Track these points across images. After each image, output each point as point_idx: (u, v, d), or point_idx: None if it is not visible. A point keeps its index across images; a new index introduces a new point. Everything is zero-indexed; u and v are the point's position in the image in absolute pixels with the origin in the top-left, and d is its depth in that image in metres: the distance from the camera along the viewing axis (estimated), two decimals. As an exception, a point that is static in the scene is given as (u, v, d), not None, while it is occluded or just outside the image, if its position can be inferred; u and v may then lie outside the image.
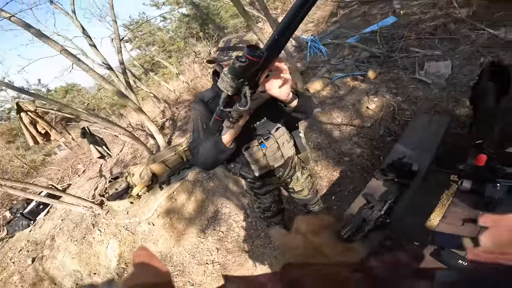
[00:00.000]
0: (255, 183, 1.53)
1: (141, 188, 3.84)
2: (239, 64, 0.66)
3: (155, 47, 13.20)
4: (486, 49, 3.32)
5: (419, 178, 1.80)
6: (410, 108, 3.10)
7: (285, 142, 1.35)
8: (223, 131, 1.03)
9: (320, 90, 3.91)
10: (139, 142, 4.73)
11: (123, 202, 3.80)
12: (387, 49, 4.17)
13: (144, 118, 4.64)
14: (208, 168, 1.20)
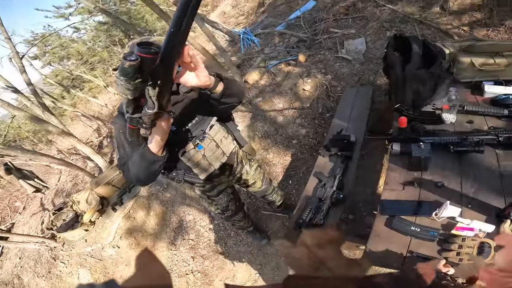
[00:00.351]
0: (205, 186, 1.49)
1: (91, 214, 3.59)
2: (129, 64, 0.60)
3: (72, 61, 11.75)
4: (389, 24, 3.77)
5: (358, 147, 1.91)
6: (340, 84, 3.40)
7: (222, 138, 1.31)
8: (148, 140, 0.95)
9: (258, 80, 4.00)
10: (75, 167, 4.27)
11: (77, 231, 3.55)
12: (311, 33, 4.42)
13: (73, 141, 4.16)
14: (145, 182, 1.12)
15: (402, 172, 1.46)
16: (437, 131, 1.59)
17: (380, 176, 2.41)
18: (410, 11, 3.71)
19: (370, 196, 2.33)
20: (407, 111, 1.77)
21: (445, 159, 1.46)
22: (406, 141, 1.54)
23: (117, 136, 1.14)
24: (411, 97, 1.80)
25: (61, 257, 3.63)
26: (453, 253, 1.08)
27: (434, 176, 1.40)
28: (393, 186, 1.41)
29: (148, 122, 0.76)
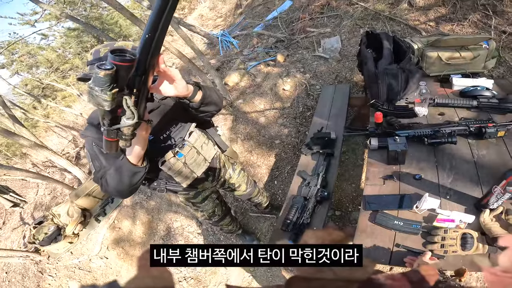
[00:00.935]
0: (189, 193, 1.47)
1: (74, 226, 3.49)
2: (104, 73, 0.57)
3: (42, 69, 11.17)
4: (362, 21, 3.89)
5: (339, 144, 1.94)
6: (318, 83, 3.46)
7: (203, 144, 1.28)
8: (127, 151, 0.91)
9: (238, 82, 3.99)
10: (51, 180, 4.08)
11: (61, 244, 3.45)
12: (289, 33, 4.47)
13: (46, 153, 3.98)
14: (124, 195, 1.06)
15: (381, 166, 1.49)
16: (411, 125, 1.63)
17: (362, 171, 2.47)
18: (380, 8, 3.84)
19: (355, 191, 2.39)
20: (382, 106, 1.82)
21: (420, 152, 1.50)
22: (383, 136, 1.58)
23: (89, 149, 1.08)
24: (385, 92, 1.85)
25: (48, 271, 3.54)
26: (437, 245, 1.08)
27: (412, 169, 1.44)
28: (374, 181, 1.44)
29: (128, 133, 0.73)
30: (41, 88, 10.94)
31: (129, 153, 0.92)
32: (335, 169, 1.79)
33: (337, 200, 2.38)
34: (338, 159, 1.87)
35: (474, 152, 1.45)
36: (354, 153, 2.68)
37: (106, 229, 3.45)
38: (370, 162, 1.54)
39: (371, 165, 1.53)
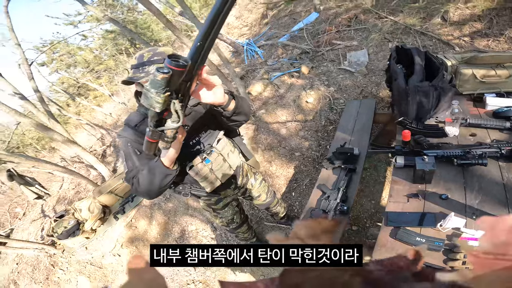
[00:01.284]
0: (210, 199, 1.49)
1: (93, 222, 3.60)
2: (162, 76, 0.60)
3: (79, 69, 11.94)
4: (391, 35, 3.81)
5: (362, 160, 1.91)
6: (343, 97, 3.41)
7: (229, 152, 1.31)
8: (161, 154, 0.96)
9: (261, 92, 4.02)
10: (77, 176, 4.27)
11: (78, 239, 3.55)
12: (314, 45, 4.47)
13: (77, 149, 4.19)
14: (153, 196, 1.10)
15: (406, 184, 1.48)
16: (441, 144, 1.60)
17: (383, 189, 2.41)
18: (411, 22, 3.74)
19: (374, 208, 2.33)
20: (410, 125, 1.77)
21: (449, 172, 1.47)
22: (410, 154, 1.55)
23: (125, 149, 1.12)
24: (414, 110, 1.80)
25: (60, 264, 3.62)
26: (459, 262, 1.09)
27: (438, 188, 1.41)
28: (398, 198, 1.43)
29: (170, 136, 0.77)
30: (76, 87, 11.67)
31: (163, 155, 0.96)
32: (356, 185, 1.77)
33: (355, 215, 2.34)
34: (360, 175, 1.85)
35: (504, 175, 1.40)
36: (376, 170, 2.61)
37: (123, 227, 3.53)
38: (395, 180, 1.53)
39: (395, 183, 1.52)
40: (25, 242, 3.86)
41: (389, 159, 2.55)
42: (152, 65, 0.99)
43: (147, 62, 1.00)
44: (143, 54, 1.02)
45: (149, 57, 1.01)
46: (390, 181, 2.26)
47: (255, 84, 4.08)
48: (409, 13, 3.90)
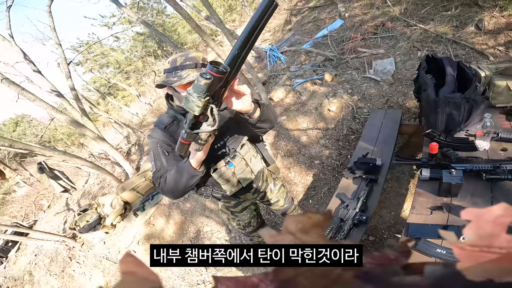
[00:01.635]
0: (230, 202, 1.52)
1: (114, 218, 3.71)
2: (204, 82, 0.64)
3: (110, 69, 12.63)
4: (421, 43, 3.67)
5: (384, 171, 1.87)
6: (367, 106, 3.32)
7: (252, 157, 1.34)
8: (190, 155, 0.99)
9: (283, 98, 4.02)
10: (104, 171, 4.46)
11: (98, 233, 3.67)
12: (338, 52, 4.42)
13: (106, 146, 4.40)
14: (177, 196, 1.14)
15: (430, 197, 1.46)
16: (470, 158, 1.56)
17: (405, 201, 2.35)
18: (442, 31, 3.60)
19: (393, 219, 2.28)
20: (438, 137, 1.72)
21: (476, 186, 1.43)
22: (436, 167, 1.52)
23: (154, 149, 1.16)
24: (444, 122, 1.74)
25: (78, 257, 3.73)
26: None
27: (464, 202, 1.38)
28: (421, 210, 1.41)
29: (204, 138, 0.81)
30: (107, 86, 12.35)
31: (192, 157, 1.00)
32: (376, 195, 1.75)
33: (373, 225, 2.29)
34: (382, 186, 1.82)
35: (534, 191, 1.34)
36: (398, 181, 2.53)
37: (141, 224, 3.62)
38: (419, 192, 1.51)
39: (419, 195, 1.50)
40: (47, 233, 3.99)
41: (413, 172, 2.47)
42: (185, 69, 1.03)
43: (179, 67, 1.04)
44: (176, 59, 1.06)
45: (181, 62, 1.04)
46: (412, 194, 2.25)
47: (277, 90, 4.10)
48: (440, 21, 3.75)
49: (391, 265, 0.21)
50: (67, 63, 5.06)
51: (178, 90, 1.07)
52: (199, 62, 1.06)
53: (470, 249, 0.19)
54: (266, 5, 0.62)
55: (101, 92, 10.92)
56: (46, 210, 6.27)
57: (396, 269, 0.21)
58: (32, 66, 4.76)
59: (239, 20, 12.34)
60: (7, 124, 12.15)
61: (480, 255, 0.19)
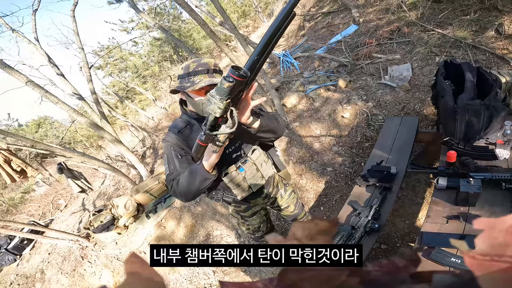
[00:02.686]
0: (240, 206, 1.53)
1: (127, 219, 3.78)
2: (227, 84, 0.67)
3: (129, 73, 13.06)
4: (439, 49, 3.56)
5: (399, 180, 1.84)
6: (382, 113, 3.25)
7: (263, 163, 1.34)
8: (204, 158, 1.02)
9: (296, 104, 4.00)
10: (120, 173, 4.58)
11: (110, 234, 3.72)
12: (353, 58, 4.36)
13: (122, 149, 4.52)
14: (189, 198, 1.15)
15: (446, 206, 1.44)
16: (489, 167, 1.52)
17: (420, 210, 2.29)
18: (461, 35, 3.49)
19: (407, 228, 2.23)
20: (457, 145, 1.68)
21: (495, 196, 1.40)
22: (454, 176, 1.49)
23: (168, 153, 1.18)
24: (463, 130, 1.69)
25: (90, 257, 3.79)
26: None
27: (482, 212, 1.36)
28: (436, 219, 1.40)
29: (222, 140, 0.83)
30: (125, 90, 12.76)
31: (205, 159, 1.02)
32: (390, 204, 1.72)
33: (386, 234, 2.24)
34: (396, 194, 1.78)
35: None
36: (413, 190, 2.46)
37: (153, 226, 3.67)
38: (435, 201, 1.49)
39: (435, 204, 1.48)
40: (62, 232, 4.06)
41: (429, 180, 2.40)
42: (197, 75, 1.07)
43: (192, 73, 1.08)
44: (189, 65, 1.10)
45: (194, 68, 1.08)
46: (428, 203, 2.19)
47: (290, 96, 4.09)
48: (459, 25, 3.65)
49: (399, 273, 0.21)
50: (88, 67, 5.25)
51: (191, 95, 1.10)
52: (211, 68, 1.09)
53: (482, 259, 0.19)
54: (285, 14, 0.64)
55: (119, 95, 11.28)
56: (63, 209, 6.45)
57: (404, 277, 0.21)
58: (56, 69, 4.98)
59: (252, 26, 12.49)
60: (30, 125, 12.74)
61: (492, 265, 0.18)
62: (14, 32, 4.87)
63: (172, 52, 12.60)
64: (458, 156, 1.61)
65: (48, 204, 7.09)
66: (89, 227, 3.86)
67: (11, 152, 3.79)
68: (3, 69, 3.39)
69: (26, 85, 3.54)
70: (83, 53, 5.26)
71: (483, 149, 1.63)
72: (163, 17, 11.49)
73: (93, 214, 4.01)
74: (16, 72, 3.50)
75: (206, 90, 1.08)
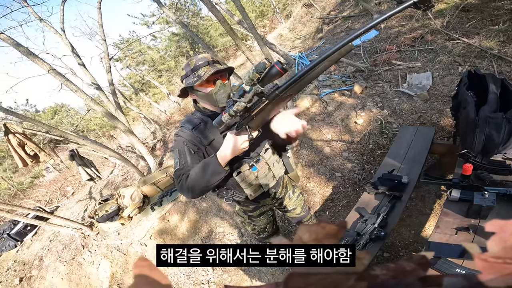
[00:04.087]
0: (249, 206, 1.51)
1: (132, 210, 3.79)
2: (267, 64, 0.76)
3: (145, 67, 13.30)
4: (463, 58, 3.43)
5: (409, 190, 1.82)
6: (397, 121, 3.16)
7: (275, 162, 1.33)
8: (219, 151, 1.02)
9: (309, 107, 3.94)
10: (129, 164, 4.65)
11: (114, 224, 3.73)
12: (371, 63, 4.28)
13: (134, 140, 4.59)
14: (195, 194, 1.12)
15: (457, 218, 1.44)
16: (504, 182, 1.50)
17: (428, 220, 2.25)
18: (488, 46, 3.34)
19: (413, 238, 2.19)
20: (474, 158, 1.64)
21: (508, 211, 1.38)
22: (468, 189, 1.48)
23: (179, 147, 1.17)
24: (482, 143, 1.63)
25: (90, 246, 3.79)
26: None
27: None
28: (445, 230, 1.39)
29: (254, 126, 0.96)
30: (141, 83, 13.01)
31: (221, 152, 1.02)
32: (398, 213, 1.71)
33: (390, 242, 2.20)
34: (405, 204, 1.75)
35: None
36: (422, 200, 2.40)
37: (157, 219, 3.67)
38: (446, 212, 1.49)
39: (445, 215, 1.48)
40: (66, 220, 4.04)
41: (439, 192, 2.35)
42: (200, 68, 1.08)
43: (195, 68, 1.09)
44: (189, 63, 1.12)
45: (195, 63, 1.10)
46: (437, 214, 2.18)
47: (303, 98, 4.04)
48: (486, 35, 3.49)
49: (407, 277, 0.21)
50: (109, 58, 5.37)
51: (201, 89, 1.11)
52: (210, 60, 1.11)
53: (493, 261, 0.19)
54: (343, 44, 0.71)
55: (135, 88, 11.50)
56: (70, 196, 6.56)
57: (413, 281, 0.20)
58: (78, 59, 5.12)
59: (269, 26, 12.48)
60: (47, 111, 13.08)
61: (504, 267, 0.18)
62: (42, 22, 5.03)
63: (189, 48, 12.75)
64: (474, 169, 1.56)
65: (55, 191, 7.21)
66: (93, 216, 3.86)
67: (26, 136, 3.88)
68: (27, 57, 3.52)
69: (48, 73, 3.66)
70: (105, 44, 5.39)
71: (500, 164, 1.59)
72: (183, 12, 11.64)
73: (99, 203, 4.02)
74: (40, 60, 3.63)
75: (214, 79, 1.09)
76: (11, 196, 8.16)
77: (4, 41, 3.40)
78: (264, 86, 0.83)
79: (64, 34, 5.07)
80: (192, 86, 1.10)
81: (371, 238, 1.55)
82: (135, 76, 13.06)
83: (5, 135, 3.70)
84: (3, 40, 3.39)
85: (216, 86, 1.09)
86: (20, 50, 3.46)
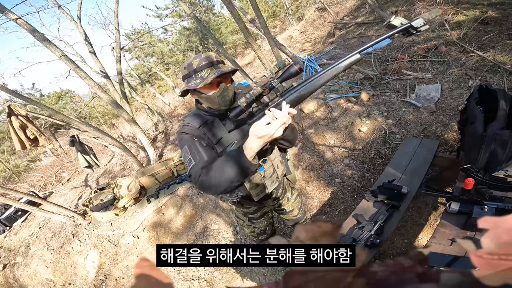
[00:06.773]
0: (250, 208, 1.48)
1: (128, 200, 3.71)
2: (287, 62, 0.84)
3: (154, 59, 13.34)
4: (474, 72, 3.39)
5: (408, 200, 1.84)
6: (401, 132, 3.14)
7: (279, 163, 1.31)
8: (245, 143, 0.94)
9: (314, 111, 3.93)
10: (129, 153, 4.63)
11: (108, 214, 3.64)
12: (380, 71, 4.24)
13: (136, 130, 4.59)
14: (218, 191, 1.02)
15: (453, 229, 1.47)
16: (504, 198, 1.52)
17: (422, 231, 2.26)
18: (501, 60, 3.30)
19: (406, 247, 2.20)
20: (476, 173, 1.64)
21: None
22: (467, 202, 1.51)
23: (188, 143, 1.09)
24: (485, 159, 1.63)
25: (81, 235, 3.67)
26: None
27: None
28: (441, 241, 1.43)
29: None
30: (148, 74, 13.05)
31: (246, 144, 0.94)
32: (395, 222, 1.74)
33: (382, 250, 2.20)
34: (402, 213, 1.78)
35: None
36: (418, 211, 2.40)
37: (152, 211, 3.60)
38: (443, 224, 1.52)
39: (442, 226, 1.51)
40: (59, 206, 3.86)
41: (436, 204, 2.35)
42: (203, 70, 1.03)
43: (198, 69, 1.03)
44: (191, 63, 1.05)
45: (198, 64, 1.04)
46: (431, 225, 2.21)
47: (309, 102, 4.02)
48: (501, 49, 3.44)
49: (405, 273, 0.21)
50: (120, 48, 5.39)
51: (203, 91, 1.06)
52: (214, 60, 1.05)
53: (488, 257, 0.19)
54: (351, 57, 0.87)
55: (141, 78, 11.54)
56: (65, 183, 6.41)
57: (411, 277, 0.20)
58: (89, 47, 5.15)
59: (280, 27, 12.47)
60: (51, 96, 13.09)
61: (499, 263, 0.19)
62: (60, 9, 5.06)
63: (198, 43, 12.78)
64: (475, 184, 1.58)
65: (51, 176, 7.06)
66: (88, 204, 3.77)
67: (29, 119, 3.87)
68: (41, 42, 3.54)
69: (59, 59, 3.68)
70: (118, 34, 5.41)
71: (502, 180, 1.60)
72: (197, 7, 11.67)
73: (95, 192, 3.94)
74: (53, 45, 3.64)
75: (217, 82, 1.04)
76: (6, 179, 8.10)
77: (21, 26, 3.39)
78: (281, 80, 0.89)
79: (80, 22, 5.11)
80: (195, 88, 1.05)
81: (366, 245, 1.57)
82: (143, 67, 13.11)
83: (8, 117, 3.69)
84: (20, 25, 3.37)
85: (219, 89, 1.04)
86: (36, 35, 3.46)
